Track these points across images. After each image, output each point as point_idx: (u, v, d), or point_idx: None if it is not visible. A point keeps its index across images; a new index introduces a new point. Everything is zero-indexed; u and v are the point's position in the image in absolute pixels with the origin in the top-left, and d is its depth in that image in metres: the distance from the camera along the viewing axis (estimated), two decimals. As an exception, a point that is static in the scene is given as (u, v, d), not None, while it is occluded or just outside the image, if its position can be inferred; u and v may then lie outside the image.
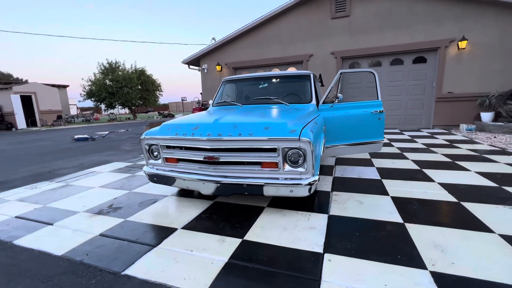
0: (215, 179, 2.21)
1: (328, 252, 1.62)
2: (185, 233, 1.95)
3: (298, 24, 8.04)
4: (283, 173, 2.13)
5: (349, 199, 2.47)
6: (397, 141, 5.63)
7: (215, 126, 2.23)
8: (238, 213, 2.27)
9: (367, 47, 7.49)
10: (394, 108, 7.70)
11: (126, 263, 1.58)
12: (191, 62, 9.74)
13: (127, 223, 2.15)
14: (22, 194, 3.01)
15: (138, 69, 21.81)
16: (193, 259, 1.61)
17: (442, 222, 1.95)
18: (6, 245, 1.87)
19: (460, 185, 2.74)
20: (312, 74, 3.57)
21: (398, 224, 1.96)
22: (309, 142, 1.98)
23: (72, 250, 1.76)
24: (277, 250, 1.67)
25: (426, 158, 3.97)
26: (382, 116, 3.40)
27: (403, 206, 2.28)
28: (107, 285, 1.40)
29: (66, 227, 2.12)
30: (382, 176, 3.15)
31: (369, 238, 1.77)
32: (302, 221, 2.07)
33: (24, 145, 7.84)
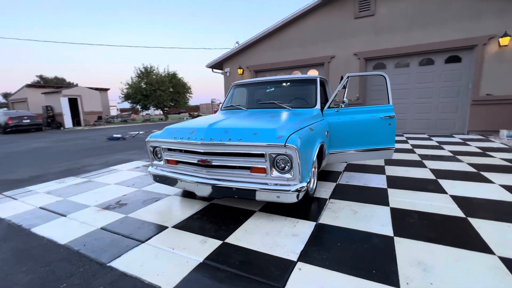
0: (208, 181, 2.30)
1: (301, 261, 1.61)
2: (173, 231, 2.07)
3: (319, 25, 7.89)
4: (271, 178, 2.15)
5: (344, 208, 2.40)
6: (421, 147, 5.24)
7: (208, 131, 2.33)
8: (229, 215, 2.34)
9: (393, 47, 7.08)
10: (423, 112, 7.17)
11: (113, 256, 1.74)
12: (214, 66, 10.07)
13: (127, 219, 2.34)
14: (51, 187, 3.41)
15: (170, 72, 23.05)
16: (172, 257, 1.71)
17: (436, 239, 1.81)
18: (24, 232, 2.16)
19: (475, 199, 2.50)
20: (319, 79, 3.50)
21: (387, 237, 1.86)
22: (296, 149, 1.98)
23: (73, 240, 1.98)
24: (252, 255, 1.70)
25: (447, 167, 3.66)
26: (393, 121, 3.24)
27: (400, 218, 2.15)
28: (91, 273, 1.56)
29: (75, 219, 2.37)
30: (390, 185, 2.98)
31: (350, 250, 1.72)
32: (287, 227, 2.07)
33: (66, 142, 8.79)
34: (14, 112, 13.93)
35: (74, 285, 1.47)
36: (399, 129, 7.47)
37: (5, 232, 2.18)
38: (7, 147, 8.10)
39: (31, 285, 1.48)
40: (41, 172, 4.38)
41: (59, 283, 1.48)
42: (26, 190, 3.31)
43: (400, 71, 7.28)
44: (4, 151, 7.18)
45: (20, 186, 3.51)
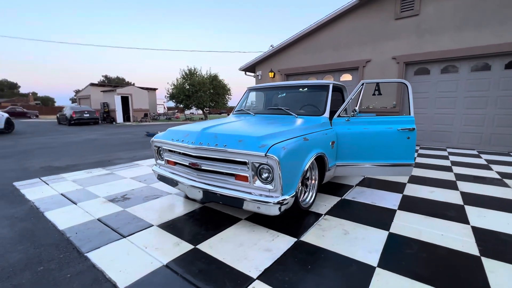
0: (197, 185, 2.33)
1: (260, 279, 1.52)
2: (156, 230, 2.15)
3: (355, 27, 7.44)
4: (254, 188, 2.09)
5: (335, 227, 2.20)
6: (462, 165, 4.55)
7: (200, 135, 2.36)
8: (214, 220, 2.34)
9: (439, 50, 6.30)
10: (474, 124, 6.22)
11: (94, 247, 1.88)
12: (247, 69, 10.23)
13: (123, 213, 2.51)
14: (78, 176, 3.84)
15: (211, 74, 24.13)
16: (141, 255, 1.78)
17: (427, 278, 1.54)
18: (38, 214, 2.47)
19: (503, 234, 2.07)
20: (332, 85, 3.30)
21: (367, 266, 1.65)
22: (276, 159, 1.89)
23: (70, 227, 2.19)
24: (215, 265, 1.67)
25: (483, 192, 3.11)
26: (412, 134, 2.89)
27: (394, 246, 1.89)
28: (67, 261, 1.71)
29: (82, 207, 2.63)
30: (401, 207, 2.65)
31: (317, 275, 1.57)
32: (264, 240, 1.98)
33: (111, 136, 9.82)
34: (78, 107, 16.12)
35: (49, 269, 1.62)
36: (442, 142, 6.61)
37: (25, 213, 2.52)
38: (66, 138, 9.38)
39: (17, 264, 1.68)
40: (78, 161, 4.97)
41: (38, 266, 1.65)
42: (59, 177, 3.78)
43: (447, 77, 6.44)
44: (62, 141, 8.32)
45: (56, 173, 4.03)
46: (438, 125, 6.66)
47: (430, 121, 6.75)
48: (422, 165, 4.58)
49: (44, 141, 8.29)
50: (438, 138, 6.69)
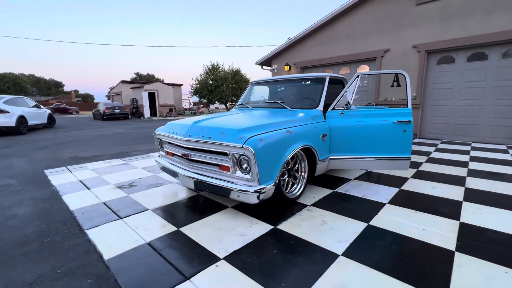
0: (189, 174, 2.52)
1: (225, 260, 1.66)
2: (149, 214, 2.39)
3: (372, 16, 7.09)
4: (235, 177, 2.22)
5: (315, 217, 2.26)
6: (483, 161, 4.23)
7: (190, 127, 2.54)
8: (203, 207, 2.52)
9: (465, 36, 5.80)
10: (505, 117, 5.68)
11: (93, 225, 2.16)
12: (263, 63, 10.26)
13: (125, 198, 2.79)
14: (98, 165, 4.28)
15: (233, 69, 24.44)
16: (130, 234, 2.01)
17: (388, 268, 1.56)
18: (57, 197, 2.85)
19: (491, 232, 1.97)
20: (329, 78, 3.27)
21: (331, 254, 1.71)
22: (252, 151, 2.00)
23: (79, 208, 2.51)
24: (190, 245, 1.84)
25: (493, 189, 2.92)
26: (409, 127, 2.81)
27: (368, 238, 1.91)
28: (70, 235, 2.00)
29: (93, 192, 2.97)
30: (393, 201, 2.61)
31: (280, 258, 1.67)
32: (243, 226, 2.12)
33: (137, 130, 10.54)
34: (110, 103, 17.43)
35: (53, 241, 1.92)
36: (467, 136, 6.14)
37: (47, 196, 2.92)
38: (97, 131, 10.26)
39: (30, 236, 2.01)
40: (102, 153, 5.48)
41: (46, 238, 1.96)
42: (82, 166, 4.24)
43: (474, 65, 5.92)
44: (93, 135, 9.14)
45: (80, 162, 4.52)
46: (463, 117, 6.18)
47: (454, 114, 6.29)
48: (436, 160, 4.35)
49: (78, 134, 9.17)
50: (462, 132, 6.22)
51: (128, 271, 1.56)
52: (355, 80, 3.03)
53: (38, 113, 10.89)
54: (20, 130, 9.13)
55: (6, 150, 5.83)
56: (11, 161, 4.73)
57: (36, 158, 4.99)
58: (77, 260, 1.67)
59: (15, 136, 8.55)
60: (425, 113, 6.72)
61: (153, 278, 1.49)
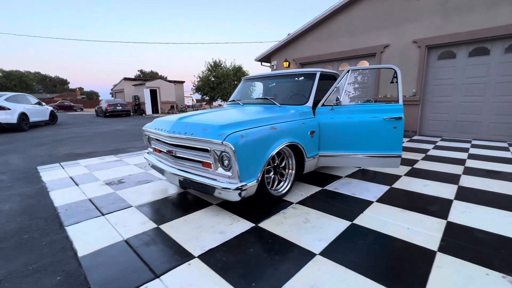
0: (173, 171, 2.50)
1: (199, 258, 1.64)
2: (132, 210, 2.37)
3: (373, 10, 6.94)
4: (217, 174, 2.19)
5: (299, 215, 2.22)
6: (481, 158, 4.13)
7: (174, 124, 2.51)
8: (186, 204, 2.50)
9: (467, 31, 5.64)
10: (507, 113, 5.53)
11: (74, 221, 2.15)
12: (263, 59, 10.17)
13: (112, 195, 2.78)
14: (91, 162, 4.29)
15: (235, 66, 24.35)
16: (109, 231, 2.00)
17: (366, 268, 1.52)
18: (44, 193, 2.86)
19: (478, 231, 1.91)
20: (320, 73, 3.20)
21: (308, 253, 1.67)
22: (231, 147, 1.96)
23: (64, 205, 2.51)
24: (167, 242, 1.82)
25: (487, 187, 2.83)
26: (399, 124, 2.74)
27: (349, 237, 1.87)
28: (49, 231, 1.99)
29: (81, 189, 2.97)
30: (381, 199, 2.55)
31: (255, 256, 1.63)
32: (223, 224, 2.09)
33: (136, 127, 10.56)
34: (112, 100, 17.52)
35: (32, 237, 1.92)
36: (468, 133, 6.01)
37: (35, 192, 2.93)
38: (97, 128, 10.32)
39: (10, 232, 2.01)
40: (98, 149, 5.50)
41: (24, 234, 1.96)
42: (75, 163, 4.26)
43: (476, 60, 5.76)
44: (93, 131, 9.19)
45: (75, 159, 4.53)
46: (464, 114, 6.04)
47: (455, 110, 6.15)
48: (433, 157, 4.26)
49: (78, 131, 9.24)
50: (463, 129, 6.09)
51: (99, 269, 1.54)
52: (346, 76, 2.95)
53: (40, 110, 10.99)
54: (22, 127, 9.23)
55: (5, 147, 5.89)
56: (8, 157, 4.77)
57: (32, 154, 5.03)
58: (51, 257, 1.66)
59: (16, 133, 8.64)
60: (425, 109, 6.59)
61: (122, 276, 1.47)
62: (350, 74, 2.96)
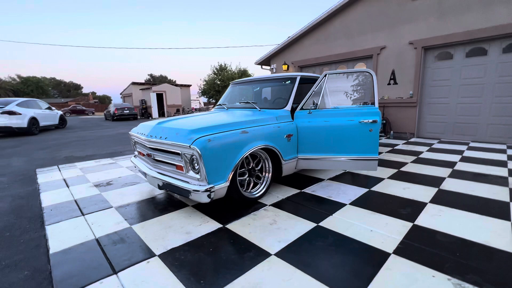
0: (153, 174, 2.60)
1: (159, 256, 1.72)
2: (111, 211, 2.49)
3: (369, 12, 6.92)
4: (188, 177, 2.28)
5: (268, 217, 2.28)
6: (472, 161, 4.05)
7: (153, 128, 2.62)
8: (163, 206, 2.60)
9: (463, 31, 5.55)
10: (506, 114, 5.39)
11: (55, 221, 2.28)
12: (262, 62, 10.27)
13: (97, 196, 2.92)
14: (87, 165, 4.47)
15: (241, 69, 24.57)
16: (84, 229, 2.11)
17: (316, 267, 1.56)
18: (36, 194, 3.03)
19: (442, 235, 1.91)
20: (300, 77, 3.25)
21: (264, 253, 1.73)
22: (198, 151, 2.05)
23: (50, 205, 2.66)
24: (134, 241, 1.91)
25: (469, 191, 2.80)
26: (375, 127, 2.76)
27: (309, 238, 1.91)
28: (30, 230, 2.13)
29: (70, 190, 3.12)
30: (356, 202, 2.57)
31: (213, 256, 1.71)
32: (192, 225, 2.17)
33: (140, 130, 10.83)
34: (119, 104, 18.04)
35: (13, 235, 2.06)
36: (466, 135, 5.88)
37: (28, 193, 3.10)
38: (103, 132, 10.66)
39: (-5, 230, 2.16)
40: (97, 152, 5.71)
41: (7, 232, 2.10)
42: (72, 165, 4.45)
43: (473, 61, 5.65)
44: (97, 135, 9.51)
45: (73, 162, 4.74)
46: (462, 116, 5.92)
47: (452, 112, 6.04)
48: (423, 160, 4.22)
49: (84, 134, 9.58)
50: (461, 131, 5.96)
51: (64, 265, 1.65)
52: (323, 80, 2.99)
53: (50, 115, 11.46)
54: (32, 130, 9.65)
55: (11, 150, 6.20)
56: (11, 160, 5.04)
57: (35, 157, 5.29)
58: (25, 254, 1.79)
59: (26, 137, 9.05)
60: (422, 111, 6.49)
61: (83, 272, 1.57)
62: (327, 78, 3.00)
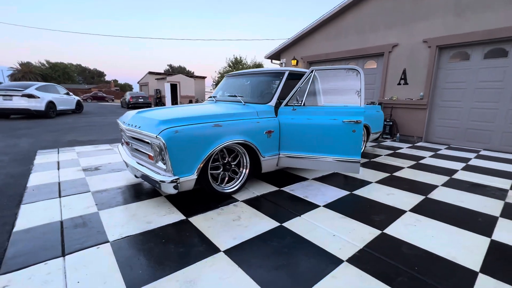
0: (131, 163, 2.64)
1: (111, 243, 1.74)
2: (86, 195, 2.55)
3: (382, 8, 6.57)
4: (157, 167, 2.29)
5: (234, 213, 2.24)
6: (476, 170, 3.79)
7: (133, 117, 2.65)
8: (138, 193, 2.63)
9: (483, 30, 5.13)
10: (524, 123, 4.97)
11: (31, 201, 2.38)
12: (272, 56, 10.10)
13: (80, 180, 3.01)
14: (85, 149, 4.63)
15: (256, 63, 24.39)
16: (54, 211, 2.18)
17: (255, 267, 1.52)
18: (27, 174, 3.17)
19: (407, 246, 1.79)
20: (288, 73, 3.15)
21: (214, 249, 1.70)
22: (163, 141, 2.04)
23: (34, 185, 2.78)
24: (93, 226, 1.95)
25: (457, 202, 2.62)
26: (358, 128, 2.63)
27: (265, 238, 1.86)
28: (5, 208, 2.23)
29: (59, 173, 3.25)
30: (330, 205, 2.47)
31: (162, 247, 1.70)
32: (156, 215, 2.18)
33: (150, 119, 11.08)
34: (134, 93, 18.55)
35: (-12, 211, 2.17)
36: (478, 143, 5.50)
37: (20, 172, 3.26)
38: (113, 118, 11.00)
39: (-25, 205, 2.28)
40: (99, 138, 5.90)
41: (-16, 208, 2.22)
42: (71, 149, 4.63)
43: (492, 63, 5.23)
44: (107, 121, 9.83)
45: (74, 145, 4.93)
46: (475, 121, 5.54)
47: (465, 117, 5.65)
48: (422, 166, 4.00)
49: (96, 120, 9.94)
50: (474, 138, 5.58)
51: (21, 243, 1.71)
52: (309, 76, 2.88)
53: (67, 100, 11.98)
54: (49, 114, 10.15)
55: (24, 131, 6.55)
56: (20, 140, 5.32)
57: (42, 139, 5.55)
58: (-10, 229, 1.88)
59: (43, 120, 9.52)
60: (433, 114, 6.13)
61: (34, 251, 1.62)
62: (313, 74, 2.87)
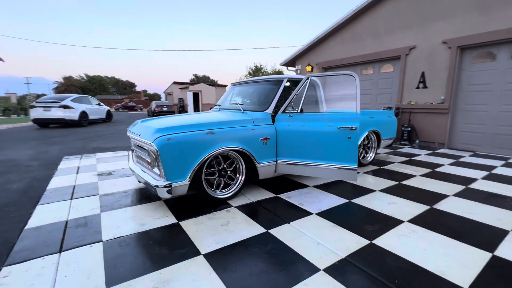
0: (135, 168, 2.84)
1: (104, 242, 1.88)
2: (94, 198, 2.77)
3: (398, 9, 6.35)
4: (154, 172, 2.43)
5: (224, 218, 2.30)
6: (499, 180, 3.48)
7: (138, 125, 2.85)
8: (140, 197, 2.79)
9: (508, 27, 4.75)
10: (562, 127, 4.46)
11: (46, 202, 2.63)
12: (288, 63, 10.14)
13: (92, 184, 3.26)
14: (104, 155, 5.00)
15: (276, 70, 24.56)
16: (63, 212, 2.40)
17: (230, 271, 1.55)
18: (49, 178, 3.50)
19: (395, 258, 1.71)
20: (286, 80, 3.18)
21: (194, 252, 1.76)
22: (156, 148, 2.18)
23: (53, 188, 3.07)
24: (92, 227, 2.12)
25: (466, 214, 2.44)
26: (354, 134, 2.59)
27: (248, 244, 1.89)
28: (23, 207, 2.50)
29: (77, 178, 3.55)
30: (324, 213, 2.43)
31: (146, 248, 1.80)
32: (151, 217, 2.30)
33: (170, 127, 11.61)
34: (159, 102, 19.59)
35: (9, 211, 2.44)
36: (508, 149, 5.02)
37: (44, 176, 3.61)
38: (139, 126, 11.68)
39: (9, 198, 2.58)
40: (119, 145, 6.32)
41: (6, 207, 2.50)
42: (92, 155, 5.02)
43: (521, 62, 4.80)
44: (133, 129, 10.46)
45: (96, 152, 5.34)
46: (503, 126, 5.08)
47: (492, 121, 5.21)
48: (436, 174, 3.76)
49: (122, 128, 10.64)
50: (502, 144, 5.11)
51: (28, 239, 1.92)
52: (305, 83, 2.88)
53: (98, 110, 13.00)
54: (82, 123, 11.08)
55: (57, 139, 7.22)
56: (51, 147, 5.89)
57: (70, 146, 6.09)
58: (6, 226, 2.12)
59: (76, 128, 10.41)
60: (456, 119, 5.73)
61: (37, 247, 1.81)
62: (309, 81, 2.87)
